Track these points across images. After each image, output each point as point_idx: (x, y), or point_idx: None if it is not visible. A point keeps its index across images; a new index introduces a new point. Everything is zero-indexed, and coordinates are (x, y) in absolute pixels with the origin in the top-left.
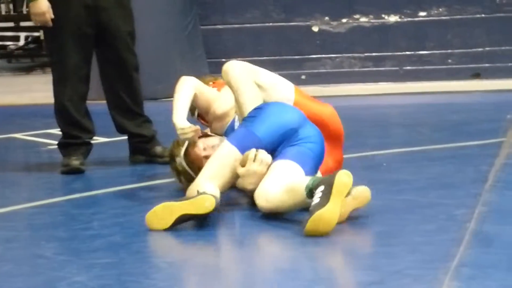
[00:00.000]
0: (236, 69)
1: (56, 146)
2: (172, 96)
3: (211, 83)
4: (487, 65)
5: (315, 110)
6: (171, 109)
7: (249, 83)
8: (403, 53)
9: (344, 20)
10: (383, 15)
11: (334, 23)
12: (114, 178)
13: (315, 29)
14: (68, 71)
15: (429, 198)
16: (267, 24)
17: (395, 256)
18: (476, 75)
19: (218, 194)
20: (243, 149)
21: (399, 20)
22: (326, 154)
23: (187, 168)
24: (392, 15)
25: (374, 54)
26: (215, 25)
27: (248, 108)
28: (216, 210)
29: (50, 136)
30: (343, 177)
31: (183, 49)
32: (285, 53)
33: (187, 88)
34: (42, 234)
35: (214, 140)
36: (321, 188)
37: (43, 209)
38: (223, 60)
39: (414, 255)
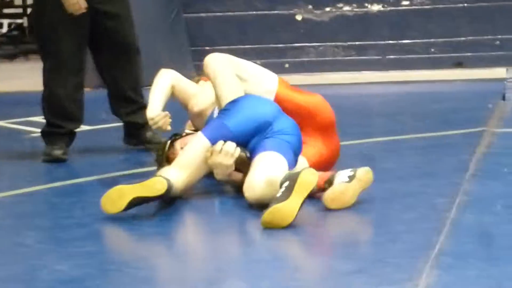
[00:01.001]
0: (217, 61)
1: (39, 134)
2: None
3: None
4: (469, 54)
5: (300, 101)
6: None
7: (229, 75)
8: (386, 42)
9: (327, 9)
10: (366, 4)
11: (318, 11)
12: (97, 166)
13: (299, 17)
14: (62, 61)
15: (411, 187)
16: (250, 12)
17: (376, 245)
18: (458, 64)
19: (178, 179)
20: (214, 141)
21: (382, 9)
22: (320, 143)
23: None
24: (375, 4)
25: (357, 43)
26: (198, 13)
27: (226, 100)
28: (178, 196)
29: (33, 124)
30: (307, 175)
31: (166, 37)
32: (268, 42)
33: (163, 81)
34: (23, 222)
35: (190, 138)
36: (286, 183)
37: (25, 198)
38: (207, 48)
39: (395, 244)
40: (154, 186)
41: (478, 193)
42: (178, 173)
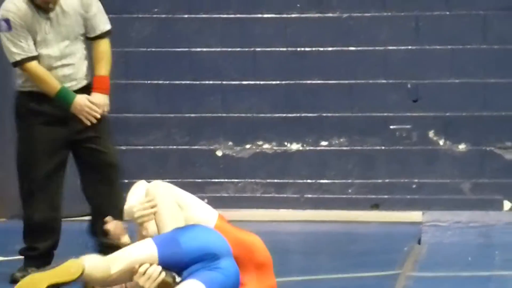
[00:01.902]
0: (158, 189)
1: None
2: (72, 216)
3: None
4: (386, 196)
5: (239, 236)
6: None
7: (171, 204)
8: (304, 181)
9: (247, 146)
10: (285, 143)
11: (237, 148)
12: None
13: (219, 153)
14: (38, 185)
15: None
16: (170, 147)
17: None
18: (375, 206)
19: (98, 267)
20: (161, 250)
21: (301, 148)
22: (255, 283)
23: None
24: (294, 143)
25: (276, 180)
26: (118, 146)
27: (166, 228)
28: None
29: None
30: None
31: None
32: (187, 176)
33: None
34: None
35: None
36: None
37: None
38: (126, 181)
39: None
40: (69, 270)
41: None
42: (103, 262)
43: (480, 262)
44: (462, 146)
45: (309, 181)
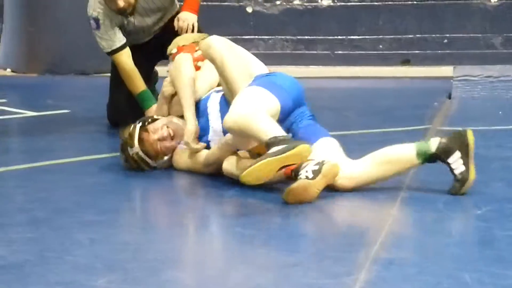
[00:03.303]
0: (220, 43)
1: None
2: (102, 72)
3: (197, 48)
4: (416, 51)
5: None
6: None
7: (237, 57)
8: (335, 37)
9: (277, 2)
10: None
11: (268, 4)
12: (41, 152)
13: (249, 10)
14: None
15: None
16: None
17: (317, 239)
18: (406, 61)
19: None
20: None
21: (331, 4)
22: None
23: (143, 156)
24: None
25: (306, 37)
26: None
27: (239, 83)
28: None
29: None
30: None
31: None
32: (217, 34)
33: (190, 79)
34: None
35: (158, 122)
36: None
37: None
38: None
39: (336, 239)
40: (301, 154)
41: (420, 189)
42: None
43: (510, 116)
44: (494, 0)
45: (339, 37)
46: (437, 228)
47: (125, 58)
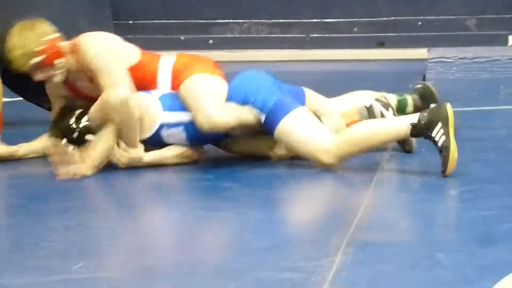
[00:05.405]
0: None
1: None
2: None
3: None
4: (391, 34)
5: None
6: None
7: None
8: (310, 20)
9: None
10: None
11: None
12: (18, 139)
13: None
14: None
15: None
16: None
17: (292, 222)
18: (381, 44)
19: None
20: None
21: None
22: None
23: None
24: None
25: (281, 20)
26: None
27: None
28: None
29: None
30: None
31: (87, 10)
32: (190, 17)
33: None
34: None
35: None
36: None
37: None
38: (130, 22)
39: (313, 223)
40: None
41: (395, 171)
42: None
43: (484, 97)
44: None
45: (314, 20)
46: (412, 209)
47: None
